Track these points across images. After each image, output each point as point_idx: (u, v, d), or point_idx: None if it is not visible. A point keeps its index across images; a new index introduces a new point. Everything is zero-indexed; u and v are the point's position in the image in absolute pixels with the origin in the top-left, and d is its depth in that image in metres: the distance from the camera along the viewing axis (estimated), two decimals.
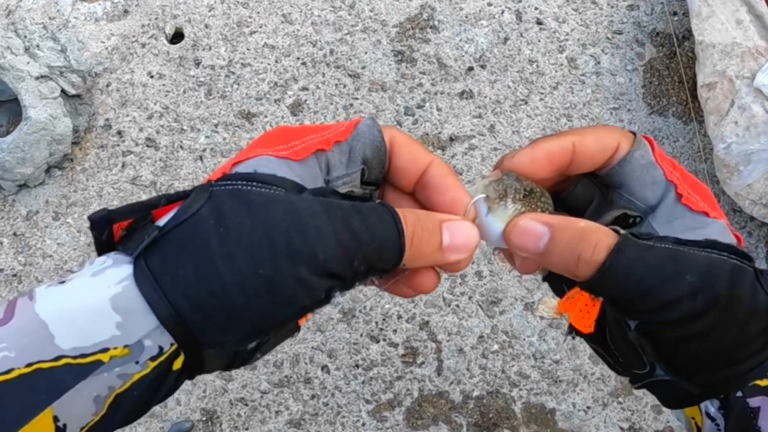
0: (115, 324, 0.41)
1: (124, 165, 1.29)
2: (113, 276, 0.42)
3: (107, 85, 1.33)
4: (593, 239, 0.48)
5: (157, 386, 0.43)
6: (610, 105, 1.33)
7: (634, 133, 0.54)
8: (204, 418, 1.17)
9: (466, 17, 1.37)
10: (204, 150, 1.29)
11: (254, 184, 0.45)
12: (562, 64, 1.35)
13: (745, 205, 1.23)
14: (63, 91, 1.28)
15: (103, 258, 0.44)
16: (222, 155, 1.29)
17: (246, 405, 1.17)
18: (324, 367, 1.19)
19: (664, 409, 1.19)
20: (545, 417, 1.19)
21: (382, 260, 0.47)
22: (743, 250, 0.49)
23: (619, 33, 1.37)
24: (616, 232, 0.49)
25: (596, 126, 0.59)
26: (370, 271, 0.47)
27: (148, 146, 1.30)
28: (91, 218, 0.44)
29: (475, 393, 1.19)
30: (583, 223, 0.50)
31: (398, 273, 0.51)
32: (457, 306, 1.22)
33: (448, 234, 0.50)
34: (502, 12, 1.38)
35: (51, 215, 1.27)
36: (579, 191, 0.57)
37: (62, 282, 0.43)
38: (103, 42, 1.35)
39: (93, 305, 0.41)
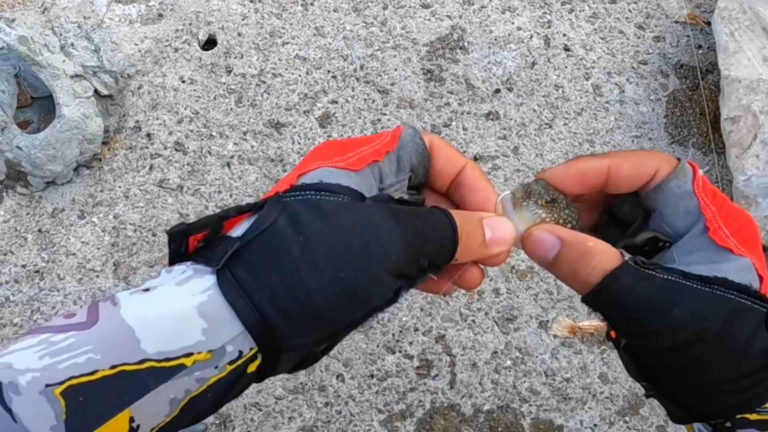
0: (201, 330, 0.43)
1: (151, 167, 1.31)
2: (198, 285, 0.44)
3: (139, 88, 1.35)
4: (594, 261, 0.51)
5: (230, 389, 0.46)
6: (632, 133, 1.35)
7: (679, 159, 0.55)
8: (217, 422, 1.18)
9: (495, 40, 1.39)
10: (232, 157, 1.31)
11: (322, 193, 0.47)
12: (587, 91, 1.37)
13: (761, 235, 1.25)
14: (95, 91, 1.31)
15: (181, 267, 0.46)
16: (249, 163, 1.31)
17: (260, 410, 1.19)
18: (339, 376, 1.20)
19: (669, 429, 1.20)
20: None
21: (440, 256, 0.50)
22: (756, 290, 0.50)
23: (645, 63, 1.39)
24: (622, 255, 0.51)
25: (639, 151, 0.61)
26: (430, 267, 0.50)
27: (176, 150, 1.32)
28: (170, 232, 0.46)
29: (486, 407, 1.20)
30: (592, 242, 0.52)
31: (449, 270, 0.55)
32: (473, 321, 1.23)
33: (489, 230, 0.53)
34: (531, 37, 1.40)
35: (77, 213, 1.28)
36: (625, 209, 0.59)
37: (146, 290, 0.45)
38: (137, 44, 1.38)
39: (180, 312, 0.43)
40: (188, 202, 1.29)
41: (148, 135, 1.33)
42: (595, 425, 1.20)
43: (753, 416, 0.49)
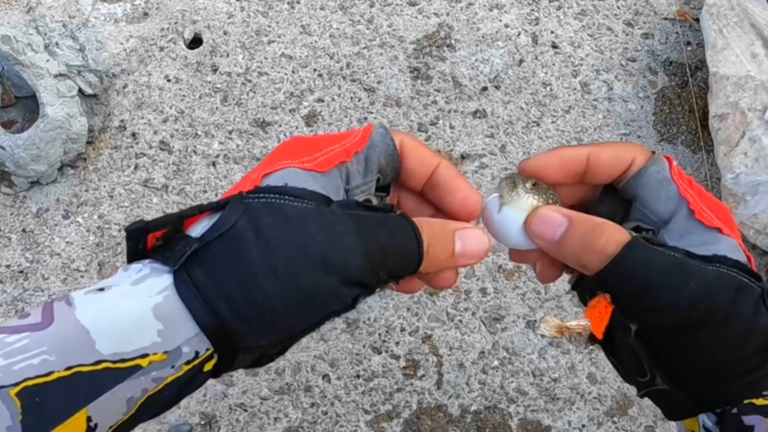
0: (157, 331, 0.43)
1: (136, 167, 1.30)
2: (154, 285, 0.44)
3: (124, 87, 1.34)
4: (606, 233, 0.51)
5: (186, 386, 0.46)
6: (620, 131, 1.34)
7: (654, 151, 0.56)
8: (203, 422, 1.17)
9: (483, 38, 1.39)
10: (217, 156, 1.30)
11: (287, 198, 0.47)
12: (575, 89, 1.36)
13: (750, 234, 1.24)
14: (80, 90, 1.30)
15: (138, 265, 0.46)
16: (235, 162, 1.30)
17: (245, 411, 1.18)
18: (325, 376, 1.19)
19: (657, 430, 1.19)
20: None
21: (403, 269, 0.50)
22: (752, 269, 0.51)
23: (633, 60, 1.39)
24: (630, 233, 0.51)
25: (616, 142, 0.62)
26: (391, 278, 0.50)
27: (161, 149, 1.31)
28: (128, 230, 0.46)
29: (473, 407, 1.20)
30: (599, 219, 0.52)
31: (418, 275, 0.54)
32: (460, 321, 1.23)
33: (460, 242, 0.53)
34: (519, 34, 1.39)
35: (61, 213, 1.28)
36: (602, 209, 0.59)
37: (101, 290, 0.44)
38: (122, 43, 1.37)
39: (135, 313, 0.43)
40: (173, 201, 1.28)
41: (133, 134, 1.32)
42: (584, 426, 1.20)
43: (759, 401, 0.50)
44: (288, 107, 1.34)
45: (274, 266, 0.44)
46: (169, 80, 1.35)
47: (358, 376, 1.20)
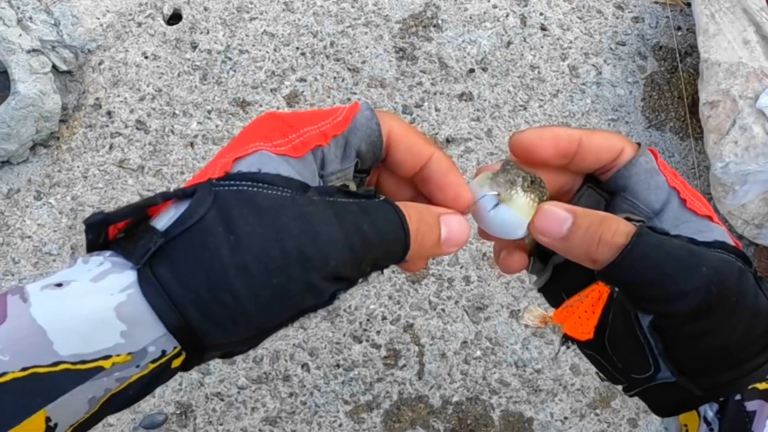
0: (120, 333, 0.40)
1: (111, 147, 1.26)
2: (116, 283, 0.41)
3: (99, 63, 1.30)
4: (613, 224, 0.50)
5: (153, 384, 0.43)
6: (608, 116, 1.32)
7: (639, 144, 0.55)
8: (178, 412, 1.15)
9: (470, 18, 1.35)
10: (195, 136, 1.27)
11: (259, 185, 0.44)
12: (563, 72, 1.33)
13: (737, 224, 1.23)
14: (54, 66, 1.25)
15: (99, 258, 0.42)
16: (213, 143, 1.26)
17: (222, 400, 1.15)
18: (304, 365, 1.17)
19: (640, 422, 1.18)
20: (522, 426, 1.18)
21: (387, 259, 0.48)
22: (745, 254, 0.51)
23: (623, 44, 1.36)
24: (635, 224, 0.51)
25: (606, 131, 0.60)
26: (374, 269, 0.47)
27: (137, 129, 1.27)
28: (87, 222, 0.42)
29: (455, 399, 1.18)
30: (603, 212, 0.52)
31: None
32: (443, 310, 1.20)
33: (445, 228, 0.51)
34: (507, 15, 1.36)
35: (33, 194, 1.24)
36: (583, 201, 0.58)
37: (59, 285, 0.41)
38: (98, 18, 1.32)
39: (96, 314, 0.40)
40: (149, 183, 1.24)
41: (109, 113, 1.28)
42: (566, 418, 1.18)
43: (762, 385, 0.50)
44: (269, 87, 1.30)
45: (245, 264, 0.41)
46: (146, 57, 1.31)
47: (337, 366, 1.17)
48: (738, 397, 0.50)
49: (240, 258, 0.41)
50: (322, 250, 0.42)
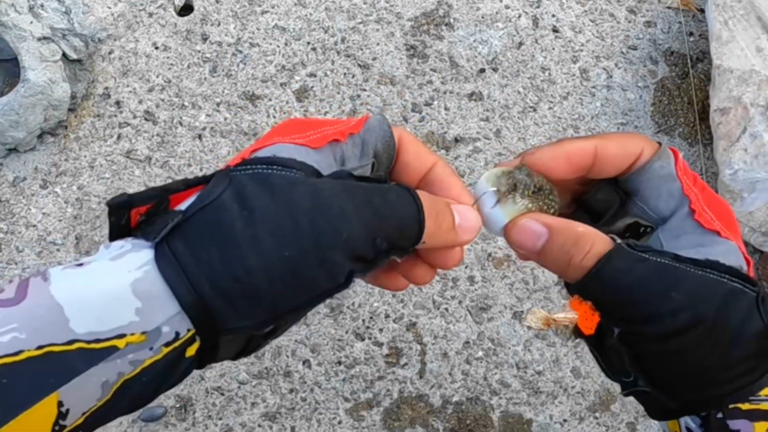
0: (135, 310, 0.40)
1: (119, 137, 1.26)
2: (134, 261, 0.41)
3: (110, 53, 1.30)
4: (586, 245, 0.50)
5: (167, 373, 0.43)
6: (618, 120, 1.31)
7: (660, 143, 0.54)
8: (178, 405, 1.15)
9: (482, 18, 1.35)
10: (204, 129, 1.26)
11: (274, 167, 0.45)
12: (574, 75, 1.33)
13: (744, 232, 1.23)
14: (64, 54, 1.25)
15: (120, 242, 0.43)
16: (222, 135, 1.26)
17: (222, 394, 1.15)
18: (306, 362, 1.17)
19: (639, 426, 1.18)
20: (522, 427, 1.18)
21: (404, 237, 0.47)
22: (746, 274, 0.49)
23: (634, 48, 1.35)
24: (613, 240, 0.50)
25: (621, 133, 0.59)
26: (392, 250, 0.47)
27: (146, 119, 1.27)
28: (110, 204, 0.43)
29: (455, 398, 1.18)
30: (581, 228, 0.51)
31: (416, 255, 0.53)
32: (446, 309, 1.20)
33: (458, 215, 0.51)
34: (519, 16, 1.35)
35: (39, 183, 1.24)
36: (599, 196, 0.57)
37: (80, 265, 0.42)
38: (110, 7, 1.32)
39: (113, 290, 0.40)
40: (156, 174, 1.24)
41: (117, 103, 1.28)
42: (565, 420, 1.18)
43: (745, 405, 0.49)
44: (279, 81, 1.30)
45: (258, 237, 0.41)
46: (157, 48, 1.31)
47: (339, 363, 1.17)
48: (720, 415, 0.49)
49: (253, 231, 0.42)
50: (332, 222, 0.43)
